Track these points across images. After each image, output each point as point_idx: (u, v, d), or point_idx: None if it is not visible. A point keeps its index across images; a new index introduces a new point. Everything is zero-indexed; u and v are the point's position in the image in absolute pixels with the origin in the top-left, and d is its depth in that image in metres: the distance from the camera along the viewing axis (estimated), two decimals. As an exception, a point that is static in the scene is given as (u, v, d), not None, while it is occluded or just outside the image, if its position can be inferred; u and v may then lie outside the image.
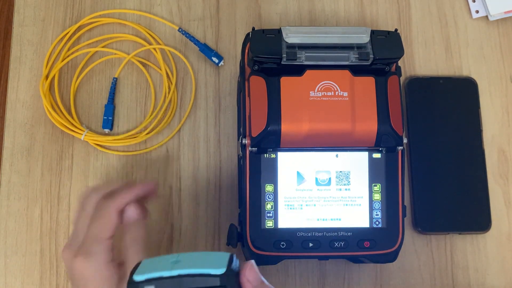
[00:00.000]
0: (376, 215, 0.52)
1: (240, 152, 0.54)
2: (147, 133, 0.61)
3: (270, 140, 0.50)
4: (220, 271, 0.36)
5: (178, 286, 0.36)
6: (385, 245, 0.52)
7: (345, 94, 0.51)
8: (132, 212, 0.47)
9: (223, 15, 0.65)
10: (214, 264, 0.37)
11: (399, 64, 0.56)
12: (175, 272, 0.36)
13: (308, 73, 0.51)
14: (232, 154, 0.61)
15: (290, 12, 0.66)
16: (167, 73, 0.63)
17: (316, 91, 0.51)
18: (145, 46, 0.63)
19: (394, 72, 0.53)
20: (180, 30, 0.64)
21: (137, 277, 0.37)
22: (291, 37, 0.51)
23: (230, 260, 0.38)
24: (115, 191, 0.48)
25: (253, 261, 0.39)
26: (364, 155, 0.53)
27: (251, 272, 0.38)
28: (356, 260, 0.56)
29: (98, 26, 0.65)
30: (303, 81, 0.51)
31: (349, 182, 0.53)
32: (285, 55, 0.51)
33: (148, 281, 0.36)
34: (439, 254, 0.59)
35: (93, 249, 0.44)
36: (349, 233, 0.52)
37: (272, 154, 0.52)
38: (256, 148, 0.51)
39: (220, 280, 0.36)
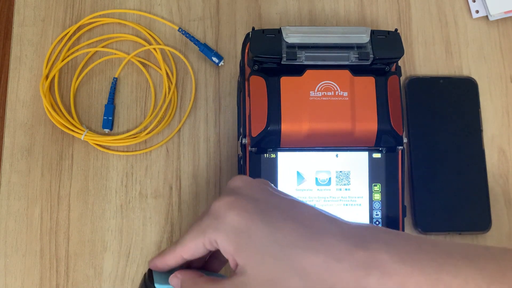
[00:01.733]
0: (376, 215, 0.52)
1: (240, 152, 0.54)
2: (147, 133, 0.61)
3: (270, 140, 0.50)
4: None
5: None
6: (385, 245, 0.52)
7: (345, 94, 0.51)
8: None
9: (223, 15, 0.65)
10: None
11: (399, 64, 0.56)
12: None
13: (308, 73, 0.51)
14: (232, 154, 0.61)
15: (290, 12, 0.66)
16: (167, 73, 0.63)
17: (316, 91, 0.51)
18: (145, 46, 0.63)
19: (394, 72, 0.53)
20: (180, 30, 0.64)
21: (159, 286, 0.38)
22: (291, 37, 0.51)
23: None
24: None
25: None
26: (364, 155, 0.53)
27: None
28: (356, 260, 0.56)
29: (98, 26, 0.65)
30: (303, 81, 0.51)
31: (349, 182, 0.53)
32: (285, 55, 0.51)
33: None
34: (439, 254, 0.59)
35: None
36: (349, 233, 0.52)
37: (272, 154, 0.52)
38: (256, 148, 0.51)
39: None
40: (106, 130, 0.61)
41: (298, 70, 0.51)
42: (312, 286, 0.33)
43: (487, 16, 0.65)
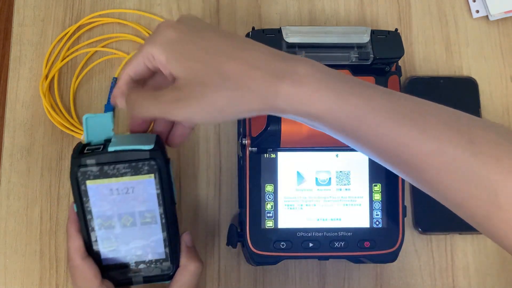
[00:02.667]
0: (376, 215, 0.52)
1: (240, 152, 0.54)
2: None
3: (270, 140, 0.50)
4: (149, 147, 0.45)
5: (115, 158, 0.45)
6: (385, 245, 0.52)
7: (345, 94, 0.51)
8: None
9: (223, 15, 0.65)
10: (144, 142, 0.45)
11: (400, 64, 0.56)
12: (111, 149, 0.45)
13: (308, 73, 0.51)
14: (232, 154, 0.61)
15: (290, 12, 0.66)
16: (167, 73, 0.63)
17: (316, 91, 0.51)
18: (145, 46, 0.63)
19: (394, 72, 0.53)
20: (180, 30, 0.64)
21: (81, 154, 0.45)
22: (291, 36, 0.51)
23: (157, 139, 0.47)
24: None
25: (188, 232, 0.50)
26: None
27: (187, 236, 0.49)
28: (356, 260, 0.56)
29: (98, 26, 0.65)
30: (303, 81, 0.51)
31: (349, 182, 0.53)
32: (285, 55, 0.51)
33: (90, 155, 0.45)
34: (440, 254, 0.59)
35: None
36: (349, 233, 0.52)
37: (272, 154, 0.52)
38: (256, 148, 0.51)
39: (149, 154, 0.45)
40: (106, 130, 0.61)
41: (298, 70, 0.51)
42: (232, 86, 0.36)
43: (487, 16, 0.65)
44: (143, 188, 0.46)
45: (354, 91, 0.35)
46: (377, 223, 0.52)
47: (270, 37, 0.51)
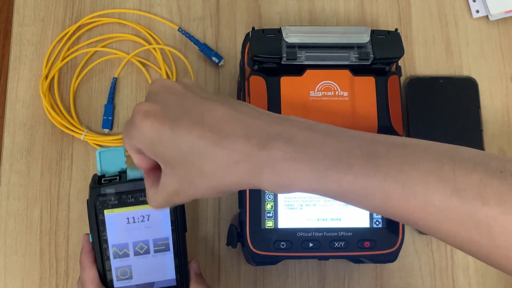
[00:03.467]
0: (376, 215, 0.52)
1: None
2: (147, 133, 0.61)
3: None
4: None
5: (133, 187, 0.47)
6: (385, 245, 0.52)
7: (345, 94, 0.51)
8: None
9: (223, 15, 0.65)
10: None
11: (399, 64, 0.56)
12: (130, 177, 0.47)
13: (308, 72, 0.51)
14: (232, 154, 0.61)
15: (290, 12, 0.66)
16: (167, 73, 0.63)
17: (316, 91, 0.51)
18: (145, 46, 0.63)
19: (394, 72, 0.53)
20: (180, 30, 0.64)
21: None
22: (291, 36, 0.51)
23: None
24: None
25: (196, 259, 0.52)
26: (364, 155, 0.53)
27: (195, 264, 0.51)
28: (356, 260, 0.56)
29: (98, 26, 0.65)
30: (303, 81, 0.51)
31: (349, 182, 0.53)
32: (285, 55, 0.51)
33: (109, 184, 0.47)
34: (440, 254, 0.59)
35: None
36: (349, 233, 0.52)
37: (272, 154, 0.52)
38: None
39: None
40: (106, 130, 0.61)
41: (298, 70, 0.51)
42: (216, 184, 0.37)
43: (487, 16, 0.65)
44: (158, 216, 0.48)
45: (334, 162, 0.35)
46: (377, 223, 0.52)
47: (270, 37, 0.51)
